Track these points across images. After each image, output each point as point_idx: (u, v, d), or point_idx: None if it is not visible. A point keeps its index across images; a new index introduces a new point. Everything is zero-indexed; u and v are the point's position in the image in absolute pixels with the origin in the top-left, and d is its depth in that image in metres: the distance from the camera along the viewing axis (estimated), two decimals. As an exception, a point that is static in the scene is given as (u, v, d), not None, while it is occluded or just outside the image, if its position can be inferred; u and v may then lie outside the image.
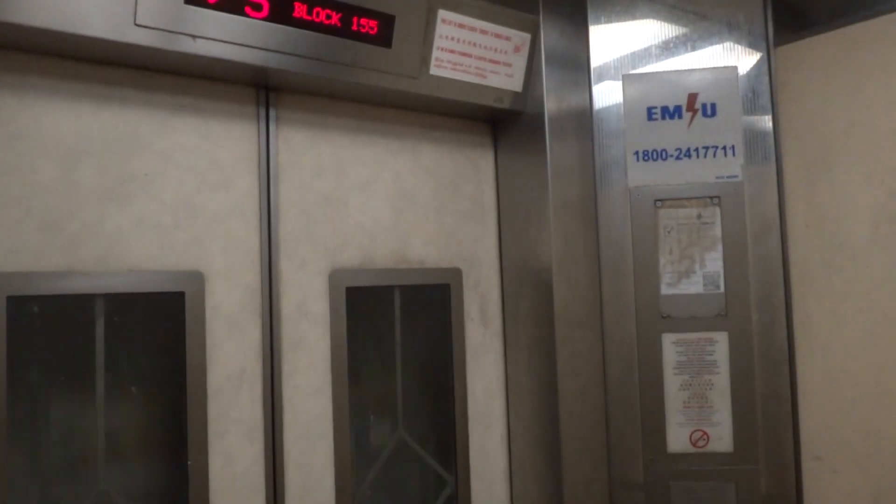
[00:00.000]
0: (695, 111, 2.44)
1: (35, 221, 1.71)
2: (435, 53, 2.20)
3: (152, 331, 1.97)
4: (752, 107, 2.44)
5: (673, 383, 2.41)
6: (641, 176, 2.45)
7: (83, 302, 1.81)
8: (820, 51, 2.41)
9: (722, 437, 2.39)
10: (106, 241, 1.81)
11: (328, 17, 1.96)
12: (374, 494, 2.32)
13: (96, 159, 1.80)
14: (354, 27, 2.01)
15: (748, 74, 2.45)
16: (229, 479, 1.94)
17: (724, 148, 2.43)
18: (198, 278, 1.93)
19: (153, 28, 1.71)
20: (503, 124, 2.61)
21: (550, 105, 2.40)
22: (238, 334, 2.00)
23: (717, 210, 2.42)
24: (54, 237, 1.73)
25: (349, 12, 1.99)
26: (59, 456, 1.81)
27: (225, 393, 1.96)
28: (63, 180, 1.75)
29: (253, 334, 2.03)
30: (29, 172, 1.71)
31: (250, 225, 2.05)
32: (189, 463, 1.87)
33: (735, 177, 2.42)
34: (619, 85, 2.48)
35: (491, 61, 2.34)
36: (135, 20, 1.67)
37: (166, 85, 1.93)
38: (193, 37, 1.77)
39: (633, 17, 2.52)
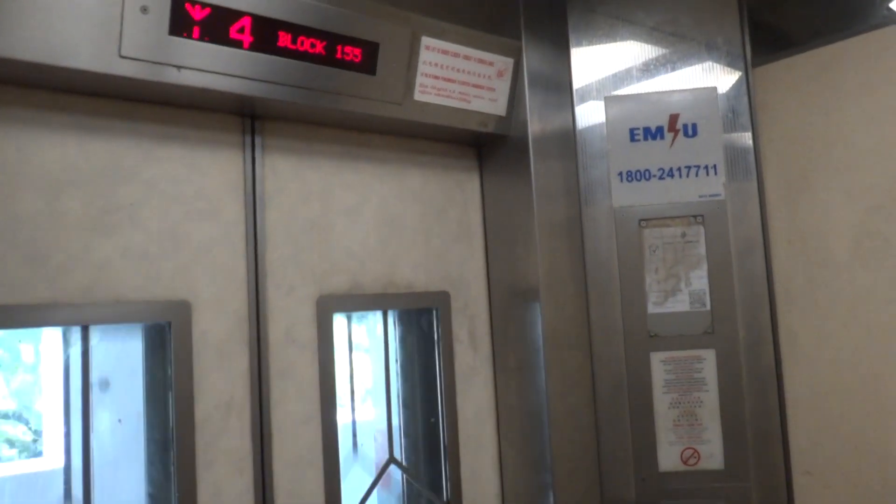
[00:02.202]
0: (676, 131, 2.48)
1: (20, 253, 1.70)
2: (419, 80, 2.22)
3: (140, 361, 1.95)
4: (732, 126, 2.48)
5: (662, 402, 2.42)
6: (626, 196, 2.47)
7: (69, 333, 1.79)
8: (798, 71, 2.46)
9: (713, 455, 2.40)
10: (91, 271, 1.79)
11: (312, 45, 1.97)
12: (365, 522, 2.30)
13: (81, 190, 1.80)
14: (339, 55, 2.03)
15: (728, 95, 2.49)
16: (219, 510, 1.93)
17: (706, 167, 2.46)
18: (184, 307, 1.92)
19: (138, 59, 1.71)
20: (488, 148, 2.64)
21: (534, 128, 2.42)
22: (226, 363, 1.99)
23: (702, 228, 2.44)
24: (39, 269, 1.72)
25: (333, 41, 2.01)
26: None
27: (213, 422, 1.94)
28: (48, 211, 1.75)
29: (241, 362, 2.02)
30: (13, 204, 1.70)
31: (237, 252, 2.05)
32: (178, 494, 1.85)
33: (718, 195, 2.45)
34: (601, 106, 2.51)
35: (475, 86, 2.36)
36: (119, 52, 1.68)
37: (152, 115, 1.93)
38: (178, 67, 1.78)
39: (614, 40, 2.56)
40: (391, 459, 2.38)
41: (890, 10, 2.29)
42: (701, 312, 2.43)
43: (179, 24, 1.74)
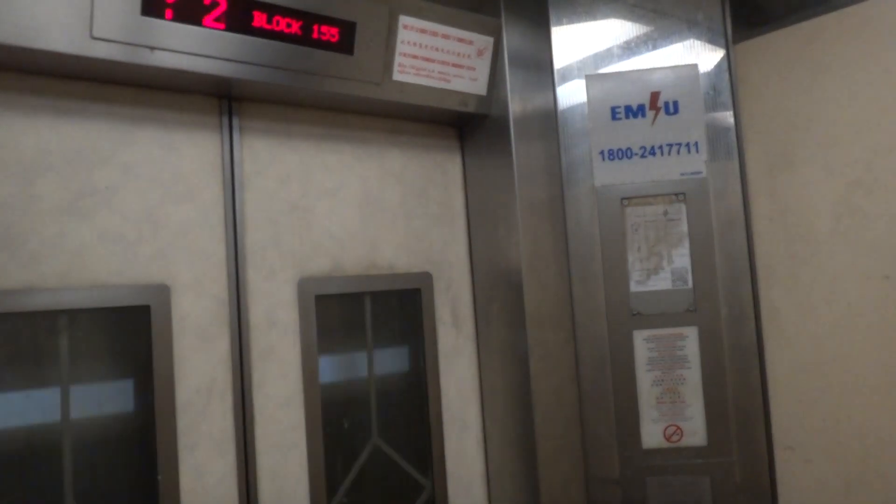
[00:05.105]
0: (658, 109, 2.47)
1: (-6, 239, 1.69)
2: (398, 59, 2.21)
3: (118, 345, 1.94)
4: (713, 104, 2.47)
5: (645, 380, 2.43)
6: (607, 175, 2.47)
7: (47, 318, 1.78)
8: (778, 47, 2.45)
9: (695, 432, 2.42)
10: (68, 256, 1.78)
11: (288, 25, 1.95)
12: (350, 503, 2.31)
13: (56, 174, 1.79)
14: (315, 35, 2.01)
15: (709, 72, 2.48)
16: (201, 493, 1.93)
17: (688, 145, 2.46)
18: (163, 291, 1.91)
19: (110, 40, 1.69)
20: (469, 127, 2.62)
21: (515, 107, 2.41)
22: (206, 346, 1.98)
23: (683, 206, 2.44)
24: (14, 254, 1.71)
25: (309, 20, 1.99)
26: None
27: (194, 406, 1.94)
28: (22, 196, 1.73)
29: (221, 346, 2.01)
30: (-14, 189, 1.69)
31: (216, 235, 2.04)
32: (159, 477, 1.85)
33: (699, 173, 2.45)
34: (582, 85, 2.50)
35: (454, 65, 2.35)
36: (91, 33, 1.66)
37: (126, 97, 1.91)
38: (151, 48, 1.76)
39: (595, 18, 2.54)
40: (375, 440, 2.38)
41: (870, -16, 2.28)
42: (683, 290, 2.43)
43: (152, 4, 1.73)
